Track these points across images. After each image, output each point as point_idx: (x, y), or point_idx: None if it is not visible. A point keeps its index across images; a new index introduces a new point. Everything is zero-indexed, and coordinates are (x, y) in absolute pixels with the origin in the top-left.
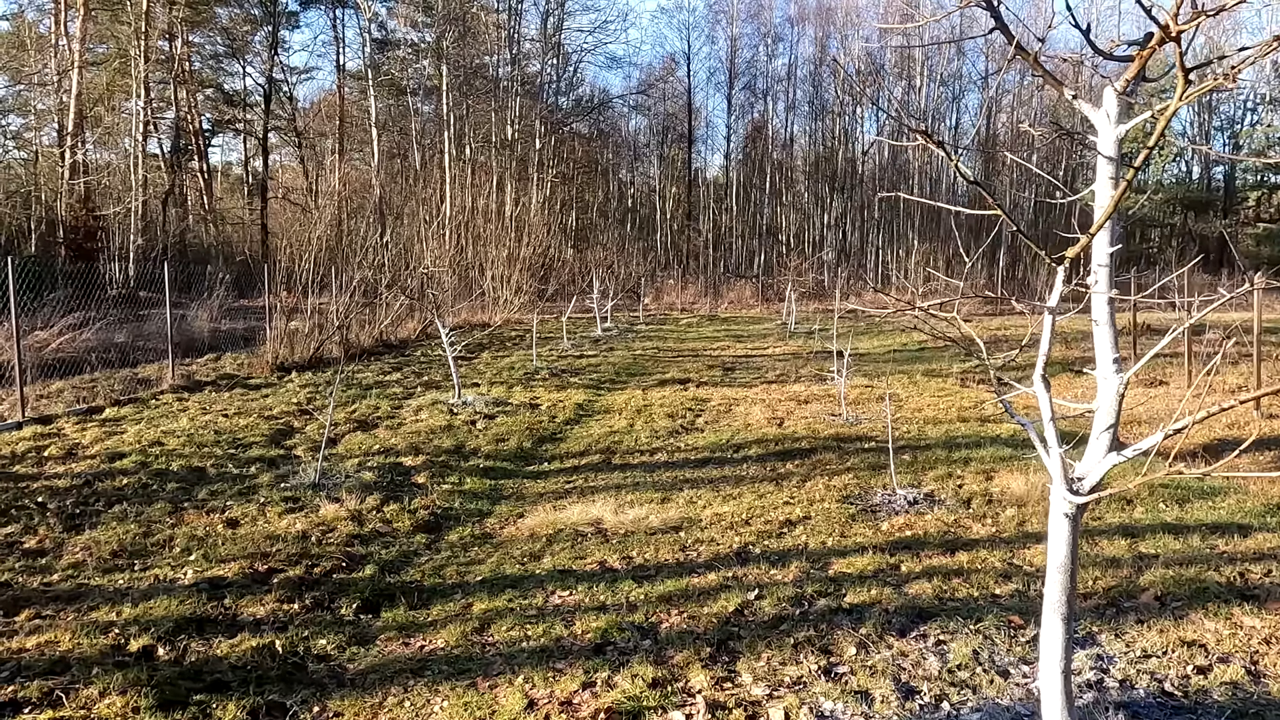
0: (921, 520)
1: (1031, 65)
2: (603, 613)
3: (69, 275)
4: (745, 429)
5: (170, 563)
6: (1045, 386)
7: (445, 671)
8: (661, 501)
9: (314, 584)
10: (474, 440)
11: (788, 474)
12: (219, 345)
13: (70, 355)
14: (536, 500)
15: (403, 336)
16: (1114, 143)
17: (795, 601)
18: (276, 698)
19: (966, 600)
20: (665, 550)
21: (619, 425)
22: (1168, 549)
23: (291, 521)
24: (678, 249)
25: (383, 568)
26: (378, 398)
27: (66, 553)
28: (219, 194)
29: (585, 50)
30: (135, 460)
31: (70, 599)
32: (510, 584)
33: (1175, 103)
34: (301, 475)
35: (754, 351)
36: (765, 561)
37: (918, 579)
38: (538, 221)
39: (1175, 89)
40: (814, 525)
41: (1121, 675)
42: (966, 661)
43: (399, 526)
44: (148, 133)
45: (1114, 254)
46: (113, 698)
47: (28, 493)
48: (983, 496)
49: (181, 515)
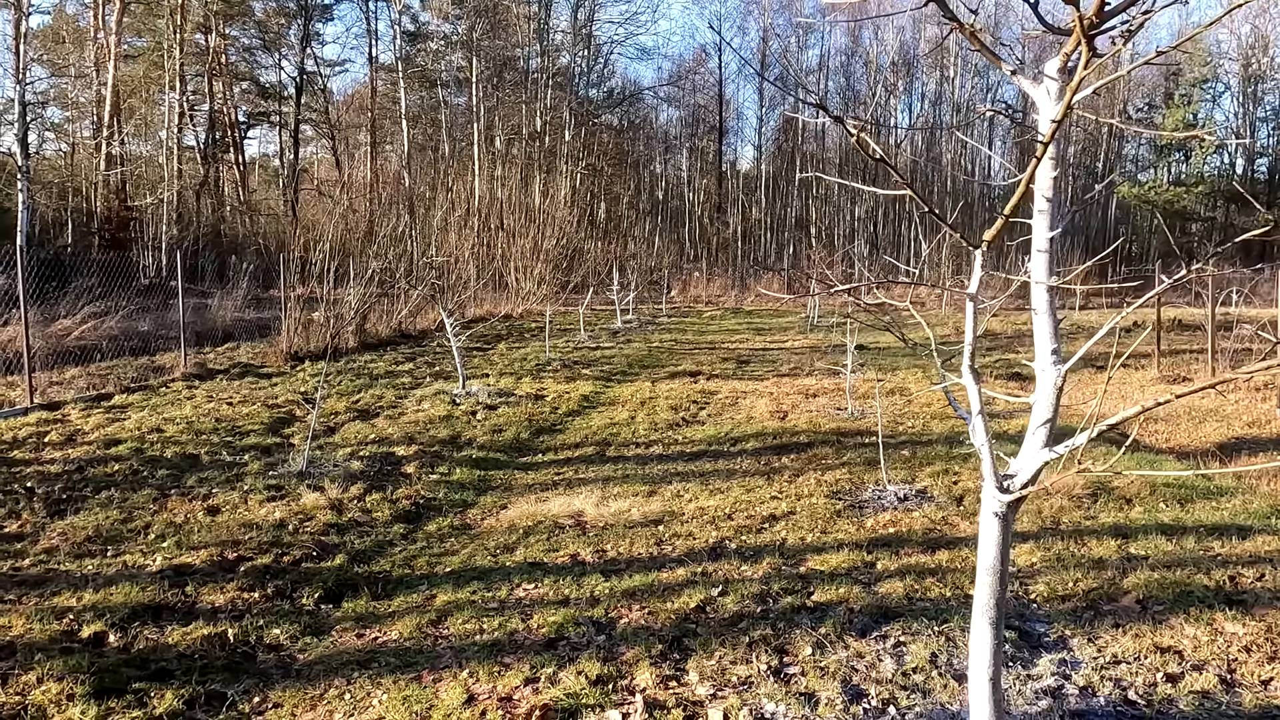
0: (908, 517)
1: (968, 38)
2: (563, 607)
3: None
4: (746, 422)
5: (142, 549)
6: (974, 378)
7: (392, 664)
8: (648, 495)
9: (280, 573)
10: (471, 430)
11: (781, 468)
12: (241, 335)
13: (91, 343)
14: (523, 492)
15: (422, 327)
16: (1051, 122)
17: (759, 599)
18: (218, 687)
19: (937, 600)
20: (640, 544)
21: (620, 417)
22: (1159, 551)
23: (271, 510)
24: (706, 241)
25: (353, 557)
26: (384, 387)
27: (44, 538)
28: (254, 186)
29: (616, 42)
30: (131, 447)
31: (36, 584)
32: (477, 576)
33: (1081, 72)
34: (290, 464)
35: (772, 345)
36: (738, 557)
37: (890, 577)
38: (564, 213)
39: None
40: (796, 521)
41: (1084, 682)
42: (923, 664)
43: (378, 516)
44: (183, 125)
45: (1054, 239)
46: (49, 684)
47: (19, 478)
48: (976, 494)
49: (165, 502)
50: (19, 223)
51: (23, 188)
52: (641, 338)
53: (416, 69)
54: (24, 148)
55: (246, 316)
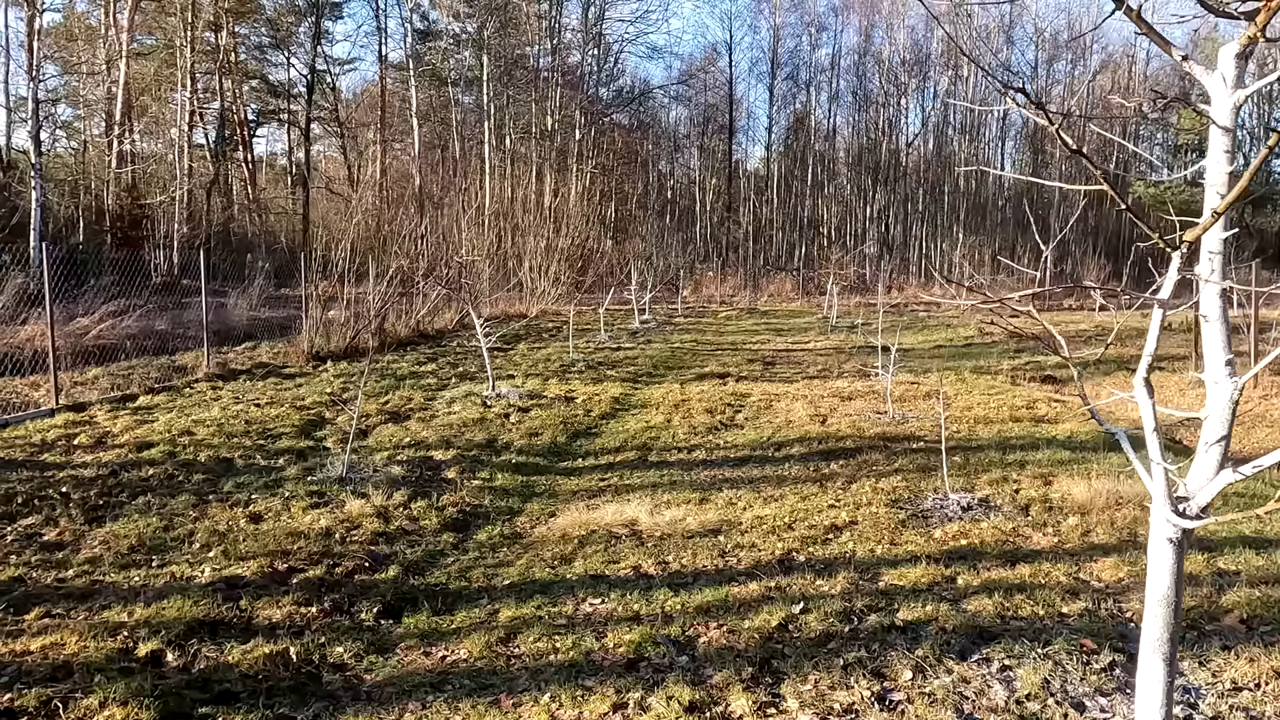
0: (977, 528)
1: (1135, 21)
2: (636, 624)
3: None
4: (787, 426)
5: (189, 559)
6: (1148, 391)
7: (467, 686)
8: (700, 502)
9: (334, 585)
10: (507, 434)
11: (832, 475)
12: (258, 334)
13: (110, 342)
14: (569, 498)
15: (440, 327)
16: (1230, 111)
17: (844, 617)
18: (287, 711)
19: (1031, 620)
20: (704, 555)
21: (656, 420)
22: (1250, 566)
23: (316, 517)
24: (717, 241)
25: (407, 569)
26: (411, 389)
27: (85, 547)
28: (263, 184)
29: (626, 40)
30: (163, 450)
31: (83, 597)
32: (539, 589)
33: None
34: (329, 469)
35: (795, 346)
36: (810, 570)
37: (976, 594)
38: (576, 212)
39: None
40: (861, 531)
41: (1212, 711)
42: (1036, 691)
43: (426, 524)
44: (193, 123)
45: (1228, 240)
46: (112, 709)
47: (53, 482)
48: (1042, 503)
49: (205, 508)
50: (33, 220)
51: (37, 185)
52: (661, 338)
53: (427, 67)
54: (37, 145)
55: (263, 315)
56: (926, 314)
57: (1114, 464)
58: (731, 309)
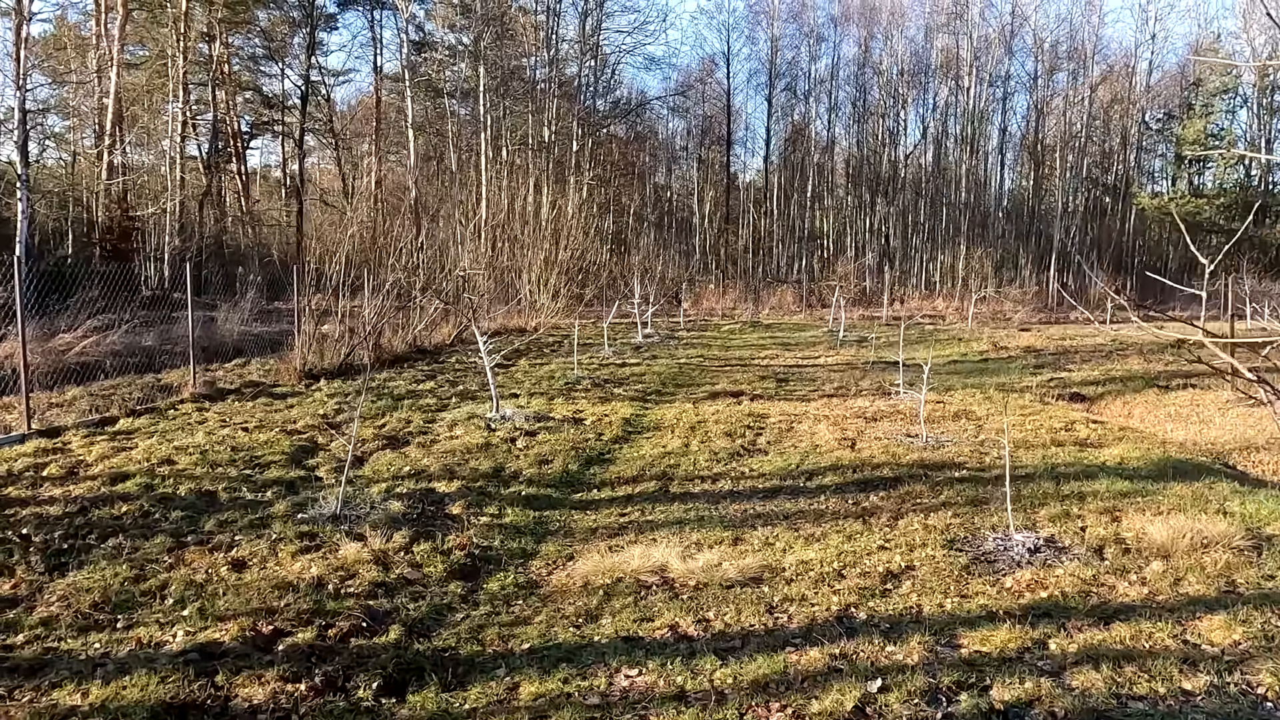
0: (1052, 575)
1: None
2: (683, 704)
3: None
4: (814, 451)
5: (159, 619)
6: None
7: None
8: (734, 542)
9: (327, 653)
10: (514, 462)
11: (874, 509)
12: (248, 349)
13: (93, 359)
14: (588, 537)
15: (437, 342)
16: None
17: (930, 697)
18: None
19: (1152, 699)
20: (748, 611)
21: (673, 445)
22: None
23: (306, 564)
24: (716, 253)
25: (410, 629)
26: (409, 410)
27: (41, 603)
28: (257, 196)
29: (624, 51)
30: (140, 483)
31: (31, 671)
32: (564, 656)
33: None
34: (321, 504)
35: (805, 361)
36: (876, 632)
37: (1078, 665)
38: (575, 224)
39: None
40: (922, 579)
41: None
42: None
43: (430, 572)
44: (186, 134)
45: None
46: None
47: (13, 522)
48: (1116, 544)
49: (182, 553)
50: (18, 233)
51: (22, 197)
52: (667, 353)
53: (423, 78)
54: (24, 156)
55: (254, 330)
56: (933, 327)
57: (1182, 497)
58: (734, 322)
